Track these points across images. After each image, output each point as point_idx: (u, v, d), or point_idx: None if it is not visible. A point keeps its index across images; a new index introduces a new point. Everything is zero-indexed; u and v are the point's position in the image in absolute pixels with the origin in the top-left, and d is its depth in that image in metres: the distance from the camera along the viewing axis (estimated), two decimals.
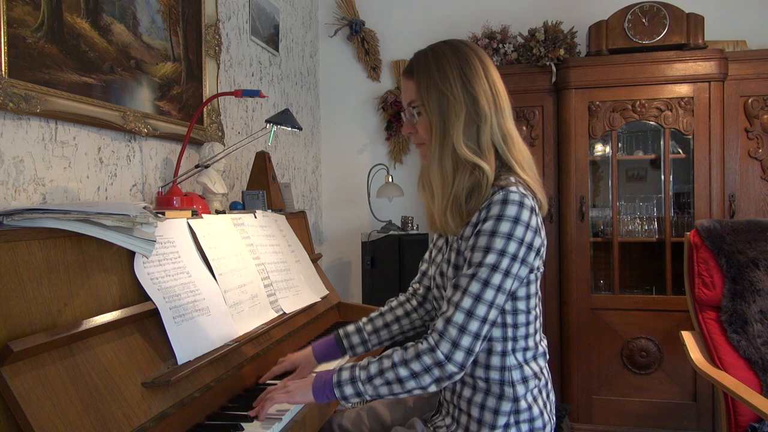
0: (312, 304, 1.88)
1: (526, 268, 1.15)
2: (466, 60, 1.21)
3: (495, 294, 1.11)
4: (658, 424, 2.83)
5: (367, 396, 1.17)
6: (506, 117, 1.23)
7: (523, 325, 1.20)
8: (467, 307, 1.11)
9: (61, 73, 1.43)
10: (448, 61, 1.21)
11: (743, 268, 2.02)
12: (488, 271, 1.11)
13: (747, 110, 2.78)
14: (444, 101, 1.19)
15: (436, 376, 1.12)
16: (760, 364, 1.92)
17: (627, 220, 2.98)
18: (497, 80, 1.24)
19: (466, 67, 1.21)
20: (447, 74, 1.20)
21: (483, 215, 1.15)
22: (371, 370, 1.16)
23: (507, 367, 1.18)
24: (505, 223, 1.12)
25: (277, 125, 1.83)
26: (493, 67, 1.25)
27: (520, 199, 1.13)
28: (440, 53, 1.23)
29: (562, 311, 2.93)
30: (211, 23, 2.14)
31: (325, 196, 3.68)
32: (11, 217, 1.03)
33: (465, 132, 1.19)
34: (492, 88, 1.22)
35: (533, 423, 1.19)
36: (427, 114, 1.22)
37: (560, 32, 2.97)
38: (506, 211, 1.12)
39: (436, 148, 1.21)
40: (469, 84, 1.19)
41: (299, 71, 3.26)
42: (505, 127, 1.22)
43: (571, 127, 2.89)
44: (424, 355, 1.13)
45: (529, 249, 1.14)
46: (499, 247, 1.11)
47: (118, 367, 1.07)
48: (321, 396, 1.20)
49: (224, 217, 1.65)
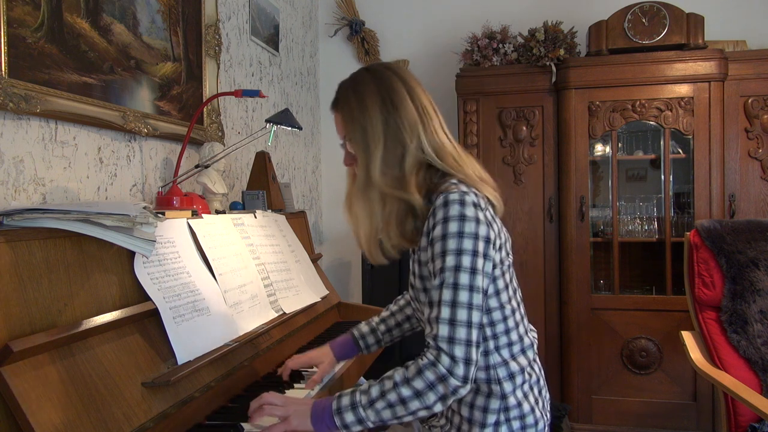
0: (312, 304, 1.88)
1: (489, 262, 1.13)
2: (387, 85, 1.21)
3: (469, 295, 1.09)
4: (658, 424, 2.83)
5: (369, 423, 1.10)
6: (437, 129, 1.22)
7: (500, 321, 1.19)
8: (447, 317, 1.09)
9: (61, 73, 1.43)
10: (368, 90, 1.21)
11: (743, 268, 2.02)
12: (453, 274, 1.09)
13: (747, 110, 2.78)
14: (366, 134, 1.20)
15: (440, 393, 1.08)
16: (760, 364, 1.92)
17: (627, 220, 2.98)
18: (422, 96, 1.23)
19: (386, 94, 1.20)
20: (366, 105, 1.20)
21: (431, 223, 1.14)
22: (372, 394, 1.10)
23: (491, 365, 1.18)
24: (452, 223, 1.11)
25: (277, 125, 1.83)
26: (416, 82, 1.25)
27: (460, 197, 1.12)
28: (361, 82, 1.23)
29: (562, 311, 2.93)
30: (211, 23, 2.14)
31: (325, 196, 3.67)
32: (11, 217, 1.03)
33: (385, 160, 1.19)
34: (418, 107, 1.21)
35: (524, 420, 1.19)
36: (353, 146, 1.23)
37: (560, 32, 2.96)
38: (449, 212, 1.11)
39: (362, 179, 1.21)
40: (389, 111, 1.19)
41: (299, 71, 3.26)
42: (436, 141, 1.21)
43: (571, 127, 2.89)
44: (426, 371, 1.09)
45: (486, 242, 1.12)
46: (453, 248, 1.10)
47: (118, 367, 1.07)
48: (320, 424, 1.11)
49: (224, 217, 1.65)
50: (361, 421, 1.09)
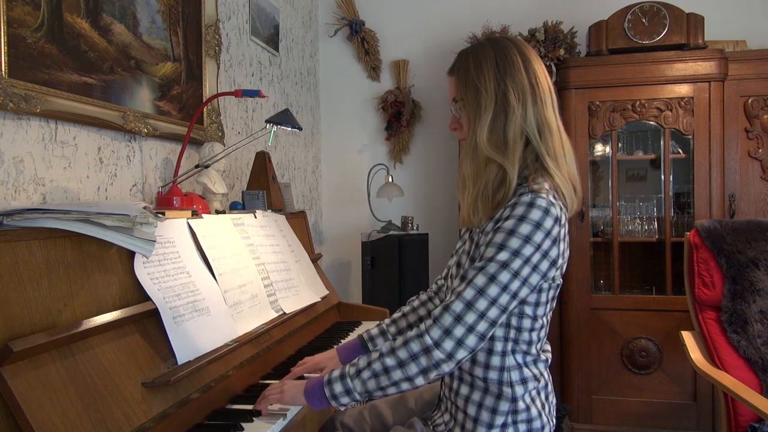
0: (312, 304, 1.88)
1: (537, 275, 1.13)
2: (504, 53, 1.23)
3: (499, 292, 1.10)
4: (658, 424, 2.83)
5: (356, 394, 1.14)
6: (547, 108, 1.23)
7: (527, 330, 1.19)
8: (468, 298, 1.10)
9: (61, 73, 1.43)
10: (485, 55, 1.23)
11: (743, 268, 2.01)
12: (497, 267, 1.10)
13: (747, 110, 2.78)
14: (479, 95, 1.21)
15: (422, 365, 1.10)
16: (760, 364, 1.92)
17: (627, 220, 2.98)
18: (539, 71, 1.24)
19: (501, 60, 1.22)
20: (483, 68, 1.22)
21: (506, 213, 1.15)
22: (360, 364, 1.16)
23: (506, 367, 1.18)
24: (525, 225, 1.11)
25: (277, 125, 1.83)
26: (537, 59, 1.26)
27: (547, 206, 1.12)
28: (479, 48, 1.26)
29: (562, 311, 2.93)
30: (211, 23, 2.14)
31: (325, 196, 3.68)
32: (11, 217, 1.03)
33: (491, 125, 1.20)
34: (531, 79, 1.22)
35: (531, 423, 1.19)
36: (466, 108, 1.24)
37: (560, 32, 2.97)
38: (530, 215, 1.11)
39: (470, 141, 1.23)
40: (502, 76, 1.20)
41: (299, 71, 3.26)
42: (542, 117, 1.21)
43: (571, 127, 2.88)
44: (411, 342, 1.12)
45: (544, 257, 1.12)
46: (514, 247, 1.10)
47: (118, 367, 1.07)
48: (311, 396, 1.19)
49: (224, 217, 1.65)
50: (348, 391, 1.14)
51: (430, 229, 3.25)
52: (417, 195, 3.53)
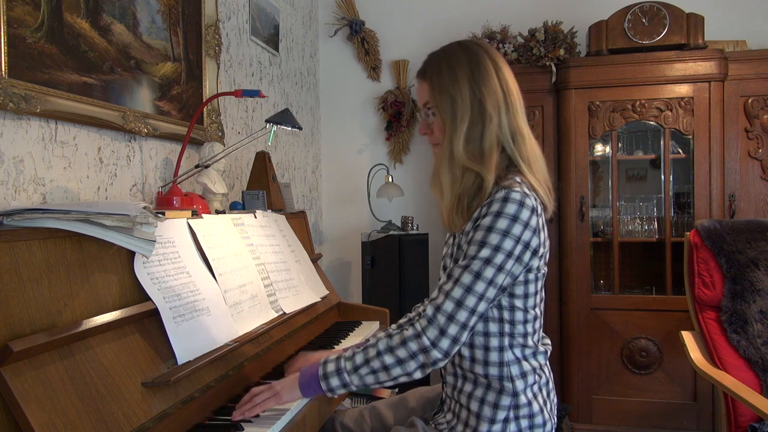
0: (312, 304, 1.88)
1: (521, 266, 1.17)
2: (477, 61, 1.23)
3: (486, 287, 1.13)
4: (658, 424, 2.83)
5: (353, 387, 1.19)
6: (518, 115, 1.25)
7: (520, 322, 1.21)
8: (457, 296, 1.14)
9: (61, 73, 1.43)
10: (459, 62, 1.24)
11: (743, 268, 2.02)
12: (481, 264, 1.13)
13: (747, 110, 2.78)
14: (455, 105, 1.22)
15: (420, 362, 1.15)
16: (760, 364, 1.92)
17: (627, 220, 2.98)
18: (509, 79, 1.26)
19: (475, 68, 1.23)
20: (457, 76, 1.23)
21: (483, 211, 1.17)
22: (357, 361, 1.19)
23: (505, 362, 1.20)
24: (503, 220, 1.14)
25: (277, 125, 1.83)
26: (506, 65, 1.27)
27: (521, 198, 1.15)
28: (452, 54, 1.26)
29: (562, 311, 2.93)
30: (211, 23, 2.14)
31: (325, 196, 3.68)
32: (11, 217, 1.03)
33: (468, 135, 1.21)
34: (503, 87, 1.23)
35: (533, 419, 1.20)
36: (440, 115, 1.24)
37: (560, 32, 2.97)
38: (505, 209, 1.14)
39: (446, 149, 1.24)
40: (477, 85, 1.21)
41: (299, 71, 3.26)
42: (515, 125, 1.24)
43: (571, 127, 2.89)
44: (409, 342, 1.15)
45: (526, 248, 1.15)
46: (494, 243, 1.13)
47: (118, 367, 1.07)
48: (308, 390, 1.22)
49: (224, 217, 1.65)
50: (345, 385, 1.19)
51: (429, 229, 3.25)
52: (417, 195, 3.53)
